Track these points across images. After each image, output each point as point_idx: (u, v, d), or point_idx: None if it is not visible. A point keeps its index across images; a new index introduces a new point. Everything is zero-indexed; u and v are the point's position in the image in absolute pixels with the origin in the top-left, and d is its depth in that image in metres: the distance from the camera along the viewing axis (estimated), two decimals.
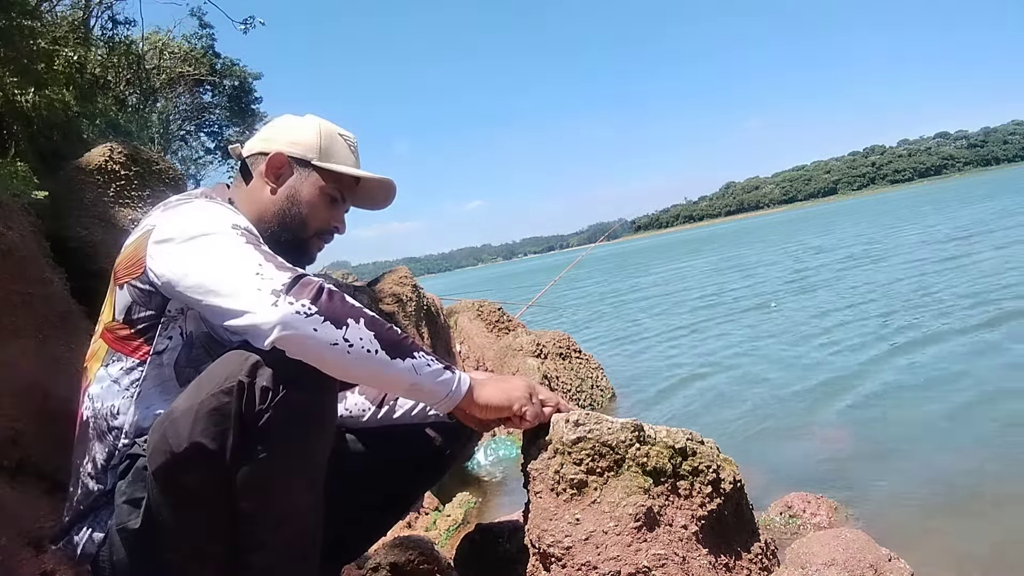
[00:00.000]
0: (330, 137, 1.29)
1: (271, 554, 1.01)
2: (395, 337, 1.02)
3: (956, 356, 4.04)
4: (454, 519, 2.55)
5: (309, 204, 1.26)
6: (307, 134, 1.28)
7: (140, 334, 1.11)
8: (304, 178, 1.26)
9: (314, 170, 1.26)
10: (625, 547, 1.12)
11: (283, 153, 1.25)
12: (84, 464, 1.12)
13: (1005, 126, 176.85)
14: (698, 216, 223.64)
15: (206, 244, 1.03)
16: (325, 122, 1.32)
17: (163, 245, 1.07)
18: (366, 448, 1.35)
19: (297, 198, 1.25)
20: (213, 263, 1.01)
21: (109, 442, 1.11)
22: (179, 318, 1.12)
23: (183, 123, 12.78)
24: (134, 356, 1.11)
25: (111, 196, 2.32)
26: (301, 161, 1.26)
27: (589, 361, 4.71)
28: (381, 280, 3.85)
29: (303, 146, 1.26)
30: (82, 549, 1.10)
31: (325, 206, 1.28)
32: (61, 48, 4.91)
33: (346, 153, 1.30)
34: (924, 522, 2.10)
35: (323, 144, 1.27)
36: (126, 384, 1.11)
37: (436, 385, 1.06)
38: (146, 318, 1.11)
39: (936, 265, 8.25)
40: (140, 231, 1.14)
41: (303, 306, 0.95)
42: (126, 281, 1.11)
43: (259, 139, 1.31)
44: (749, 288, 10.21)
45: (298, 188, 1.25)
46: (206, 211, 1.11)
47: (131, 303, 1.11)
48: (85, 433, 1.12)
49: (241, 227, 1.08)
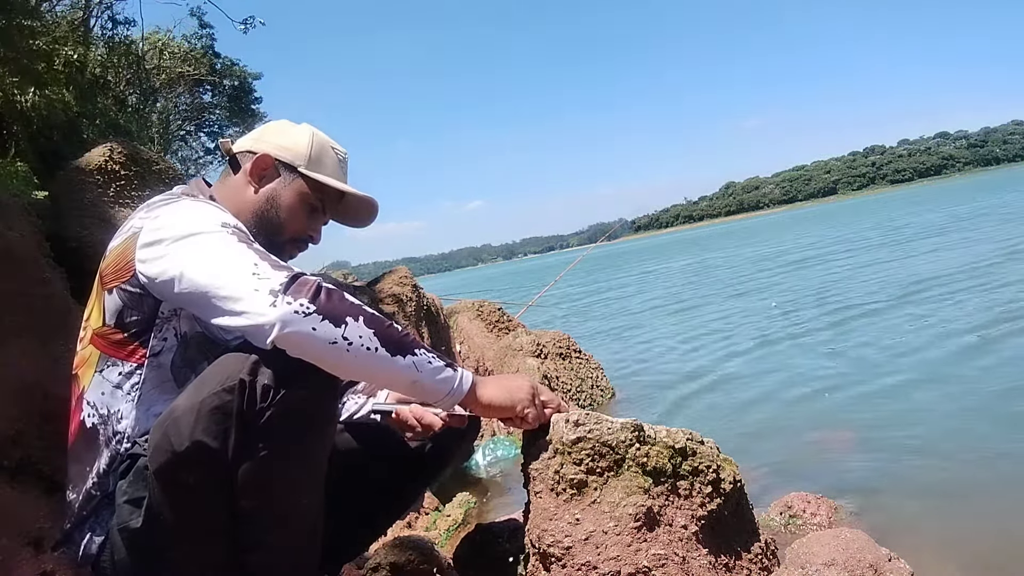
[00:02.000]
0: (321, 147, 1.29)
1: (271, 553, 1.02)
2: (395, 334, 1.01)
3: (956, 357, 4.04)
4: (454, 519, 2.55)
5: (288, 209, 1.25)
6: (298, 141, 1.28)
7: (134, 338, 1.10)
8: (288, 183, 1.26)
9: (299, 177, 1.26)
10: (625, 547, 1.12)
11: (270, 155, 1.25)
12: (91, 471, 1.11)
13: (1005, 126, 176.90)
14: (698, 216, 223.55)
15: (198, 244, 1.03)
16: (319, 132, 1.31)
17: (152, 247, 1.05)
18: (365, 447, 1.35)
19: (277, 201, 1.25)
20: (207, 264, 1.00)
21: (112, 447, 1.10)
22: (172, 319, 1.11)
23: (183, 123, 12.78)
24: (130, 360, 1.10)
25: (111, 196, 2.32)
26: (288, 166, 1.26)
27: (589, 361, 4.71)
28: (381, 280, 3.85)
29: (292, 152, 1.26)
30: (83, 551, 1.10)
31: (304, 214, 1.27)
32: (61, 48, 4.91)
33: (335, 166, 1.30)
34: (924, 522, 2.10)
35: (313, 153, 1.27)
36: (127, 389, 1.10)
37: (437, 383, 1.05)
38: (138, 321, 1.10)
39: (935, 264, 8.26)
40: (125, 234, 1.12)
41: (301, 305, 0.95)
42: (115, 286, 1.10)
43: (250, 138, 1.31)
44: (749, 288, 10.21)
45: (280, 192, 1.25)
46: (194, 210, 1.10)
47: (122, 307, 1.10)
48: (92, 440, 1.11)
49: (231, 225, 1.07)
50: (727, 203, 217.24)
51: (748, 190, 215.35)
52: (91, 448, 1.11)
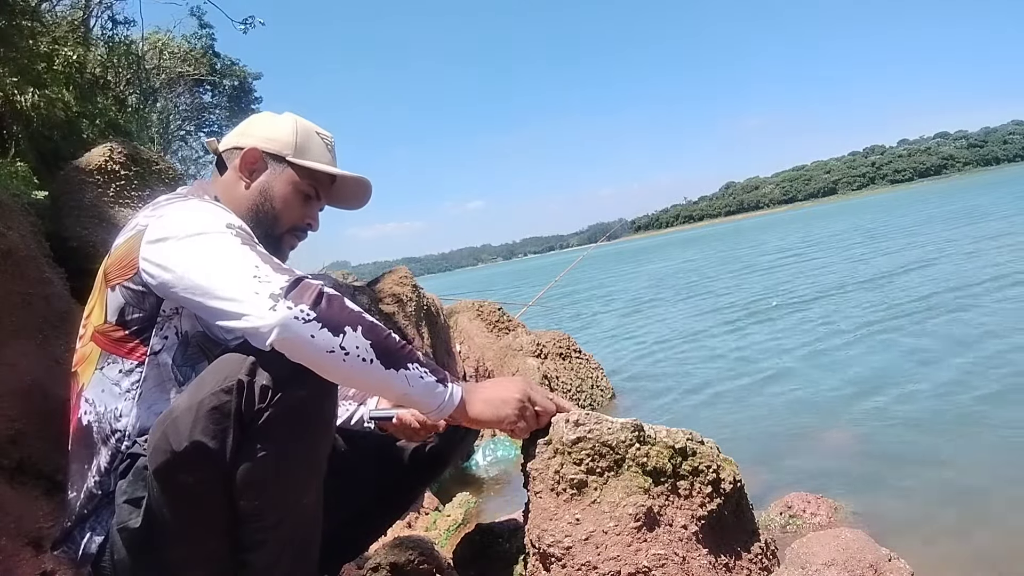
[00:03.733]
0: (306, 134, 1.28)
1: (270, 553, 1.01)
2: (392, 346, 1.01)
3: (956, 357, 4.04)
4: (454, 519, 2.56)
5: (282, 200, 1.25)
6: (283, 130, 1.27)
7: (135, 335, 1.10)
8: (278, 174, 1.25)
9: (288, 166, 1.26)
10: (625, 547, 1.12)
11: (257, 148, 1.25)
12: (89, 469, 1.11)
13: (1005, 126, 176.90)
14: (698, 216, 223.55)
15: (202, 244, 1.03)
16: (302, 120, 1.31)
17: (157, 245, 1.06)
18: (363, 447, 1.35)
19: (270, 194, 1.24)
20: (210, 264, 1.00)
21: (112, 445, 1.10)
22: (174, 318, 1.11)
23: (183, 123, 12.78)
24: (130, 358, 1.10)
25: (111, 196, 2.32)
26: (276, 157, 1.25)
27: (589, 361, 4.71)
28: (381, 280, 3.85)
29: (278, 142, 1.26)
30: (83, 551, 1.10)
31: (298, 203, 1.27)
32: (61, 48, 4.91)
33: (322, 151, 1.30)
34: (924, 522, 2.10)
35: (299, 141, 1.27)
36: (126, 386, 1.10)
37: (427, 398, 1.05)
38: (139, 319, 1.10)
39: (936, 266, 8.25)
40: (130, 232, 1.12)
41: (301, 311, 0.95)
42: (118, 283, 1.10)
43: (235, 134, 1.30)
44: (747, 287, 10.21)
45: (271, 184, 1.25)
46: (200, 210, 1.10)
47: (124, 305, 1.10)
48: (89, 438, 1.11)
49: (235, 226, 1.07)
50: (727, 203, 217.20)
51: (748, 190, 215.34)
52: (88, 446, 1.11)
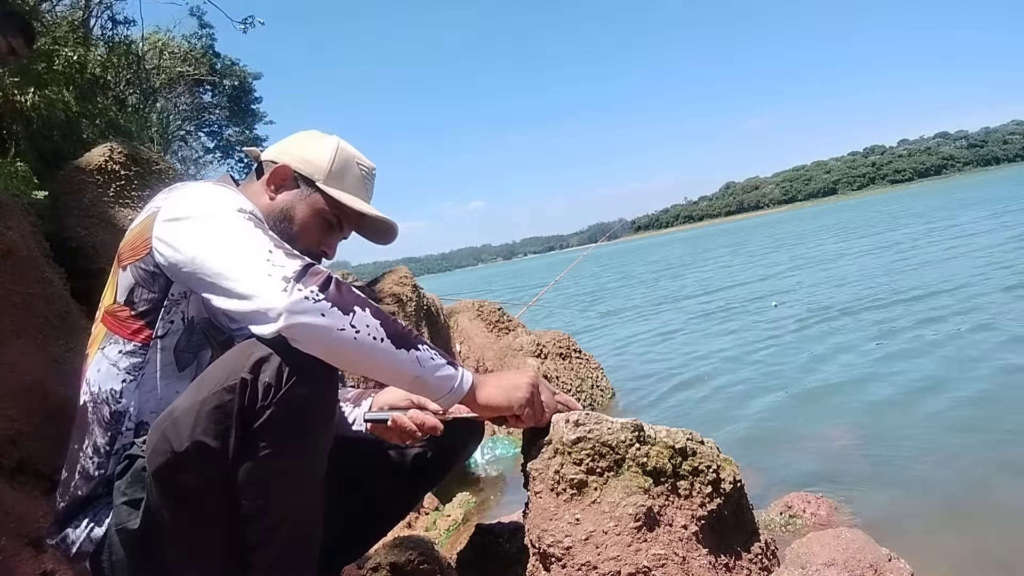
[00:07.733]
0: (344, 163, 1.27)
1: (271, 553, 1.01)
2: (400, 328, 1.02)
3: (955, 358, 4.04)
4: (454, 519, 2.56)
5: (301, 223, 1.25)
6: (321, 154, 1.26)
7: (140, 316, 1.11)
8: (304, 197, 1.25)
9: (316, 191, 1.25)
10: (625, 547, 1.12)
11: (289, 167, 1.25)
12: (84, 448, 1.11)
13: (1005, 126, 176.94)
14: (698, 216, 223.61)
15: (214, 225, 1.03)
16: (346, 146, 1.29)
17: (170, 224, 1.07)
18: (365, 448, 1.35)
19: (290, 214, 1.24)
20: (222, 245, 1.01)
21: (112, 426, 1.10)
22: (181, 302, 1.12)
23: (183, 123, 12.77)
24: (133, 339, 1.11)
25: (111, 196, 2.32)
26: (306, 179, 1.25)
27: (589, 361, 4.70)
28: (381, 280, 3.85)
29: (312, 165, 1.26)
30: (79, 547, 1.10)
31: (318, 229, 1.26)
32: (61, 48, 4.90)
33: (357, 182, 1.28)
34: (924, 522, 2.10)
35: (334, 168, 1.26)
36: (125, 367, 1.10)
37: (439, 380, 1.05)
38: (148, 300, 1.10)
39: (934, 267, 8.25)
40: (145, 213, 1.14)
41: (312, 292, 0.95)
42: (130, 263, 1.11)
43: (276, 147, 1.31)
44: (746, 286, 10.21)
45: (294, 204, 1.25)
46: (214, 193, 1.12)
47: (134, 285, 1.10)
48: (84, 418, 1.12)
49: (247, 211, 1.08)
50: (727, 203, 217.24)
51: (748, 190, 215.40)
52: (82, 426, 1.12)
